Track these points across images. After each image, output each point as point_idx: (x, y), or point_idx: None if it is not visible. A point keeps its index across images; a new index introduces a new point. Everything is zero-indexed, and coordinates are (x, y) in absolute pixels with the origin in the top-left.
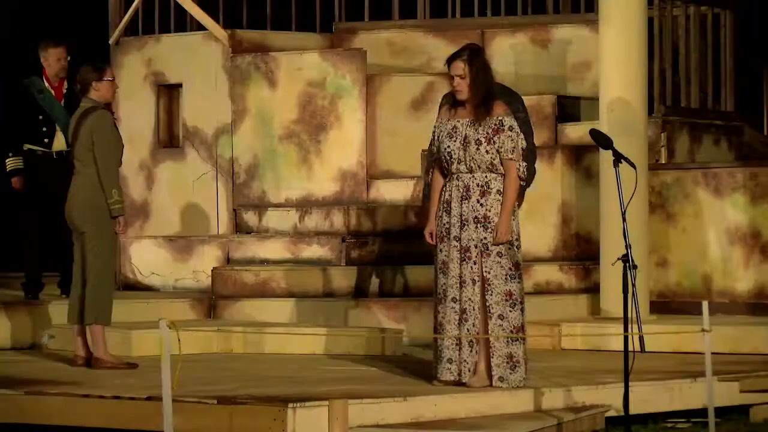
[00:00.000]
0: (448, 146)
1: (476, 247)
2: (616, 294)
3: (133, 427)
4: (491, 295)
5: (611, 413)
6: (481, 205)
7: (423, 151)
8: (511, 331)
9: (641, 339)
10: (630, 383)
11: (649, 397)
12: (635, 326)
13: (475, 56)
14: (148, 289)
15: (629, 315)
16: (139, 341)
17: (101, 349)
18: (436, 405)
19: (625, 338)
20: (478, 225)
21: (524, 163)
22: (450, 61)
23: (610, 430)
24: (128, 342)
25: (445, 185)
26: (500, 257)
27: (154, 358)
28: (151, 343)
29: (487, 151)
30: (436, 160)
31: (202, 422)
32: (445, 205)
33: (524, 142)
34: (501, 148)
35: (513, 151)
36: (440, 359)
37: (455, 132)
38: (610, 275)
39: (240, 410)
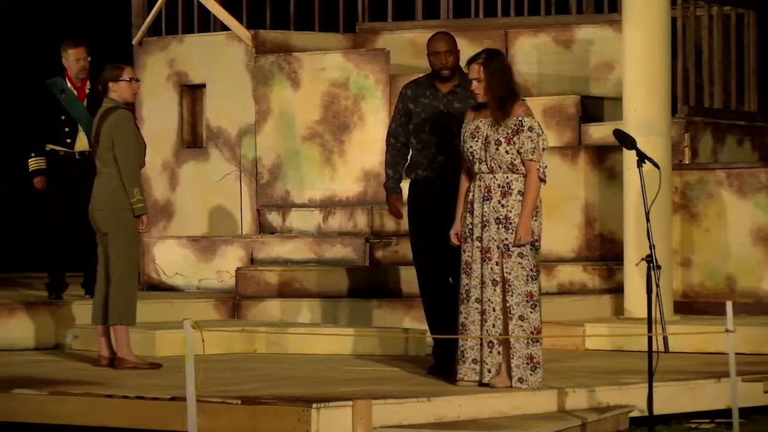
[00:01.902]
0: (471, 146)
1: (498, 248)
2: (639, 294)
3: (156, 428)
4: (512, 296)
5: (635, 413)
6: (503, 206)
7: None
8: (531, 332)
9: (665, 339)
10: (654, 383)
11: (673, 398)
12: (659, 326)
13: (491, 59)
14: (171, 289)
15: (653, 315)
16: (163, 341)
17: (125, 349)
18: (460, 405)
19: (649, 338)
20: (500, 226)
21: (545, 164)
22: (467, 64)
23: (633, 430)
24: (152, 342)
25: (470, 186)
26: (521, 258)
27: (178, 358)
28: (174, 344)
29: (507, 152)
30: (462, 161)
31: (225, 423)
32: (469, 206)
33: (545, 143)
34: (521, 148)
35: (533, 151)
36: (464, 360)
37: (477, 132)
38: (633, 275)
39: (264, 410)
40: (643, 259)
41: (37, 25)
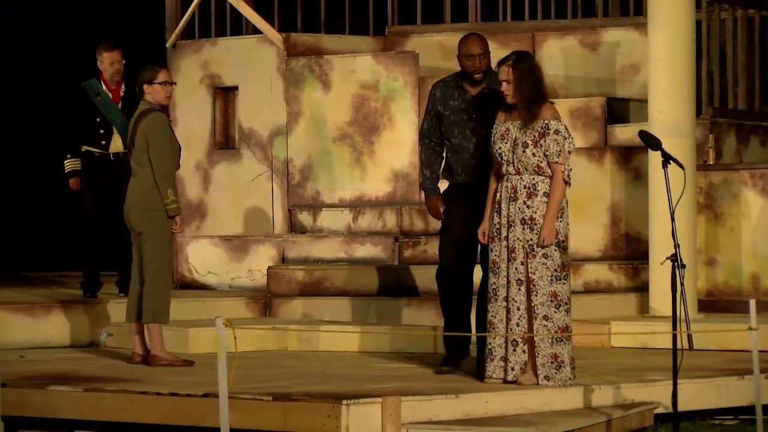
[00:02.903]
0: (500, 147)
1: (523, 248)
2: (664, 293)
3: (189, 424)
4: (536, 296)
5: (660, 410)
6: (528, 206)
7: None
8: (556, 332)
9: (689, 337)
10: (678, 381)
11: (697, 395)
12: (683, 324)
13: (519, 61)
14: (204, 287)
15: (678, 313)
16: (196, 339)
17: (158, 346)
18: (487, 402)
19: (674, 336)
20: (525, 226)
21: (570, 167)
22: (498, 66)
23: (658, 426)
24: (185, 339)
25: (498, 186)
26: (546, 258)
27: (211, 355)
28: (207, 341)
29: (533, 154)
30: (493, 161)
31: (257, 419)
32: (496, 206)
33: (572, 146)
34: (547, 151)
35: (558, 154)
36: (492, 357)
37: (507, 134)
38: (658, 274)
39: (295, 407)
40: (668, 258)
41: (71, 27)
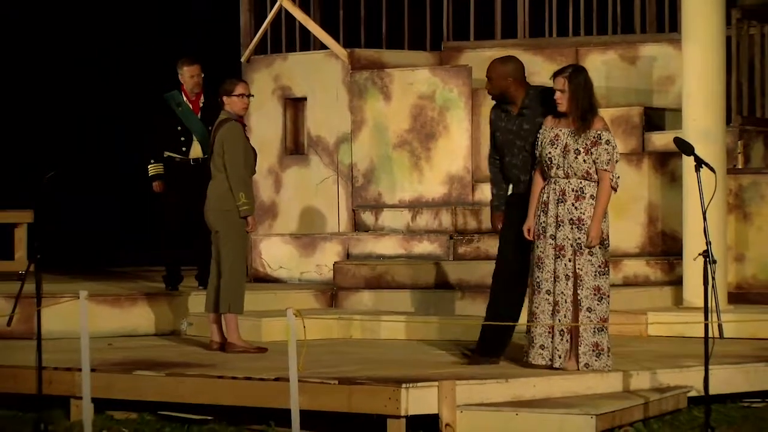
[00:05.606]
0: (550, 152)
1: (571, 246)
2: (697, 286)
3: (262, 405)
4: (582, 289)
5: (693, 394)
6: (576, 208)
7: None
8: (598, 322)
9: (720, 327)
10: (710, 367)
11: (728, 380)
12: (715, 315)
13: (576, 74)
14: (276, 281)
15: (709, 305)
16: (269, 328)
17: (234, 334)
18: (535, 386)
19: (706, 326)
20: (573, 226)
21: (618, 175)
22: (554, 76)
23: (692, 408)
24: (258, 328)
25: (544, 188)
26: (591, 256)
27: (282, 343)
28: (279, 330)
29: (584, 161)
30: (537, 164)
31: (324, 401)
32: (543, 206)
33: (618, 156)
34: (597, 159)
35: (608, 162)
36: (533, 345)
37: (557, 140)
38: (692, 269)
39: (358, 390)
40: (700, 254)
41: (157, 45)
